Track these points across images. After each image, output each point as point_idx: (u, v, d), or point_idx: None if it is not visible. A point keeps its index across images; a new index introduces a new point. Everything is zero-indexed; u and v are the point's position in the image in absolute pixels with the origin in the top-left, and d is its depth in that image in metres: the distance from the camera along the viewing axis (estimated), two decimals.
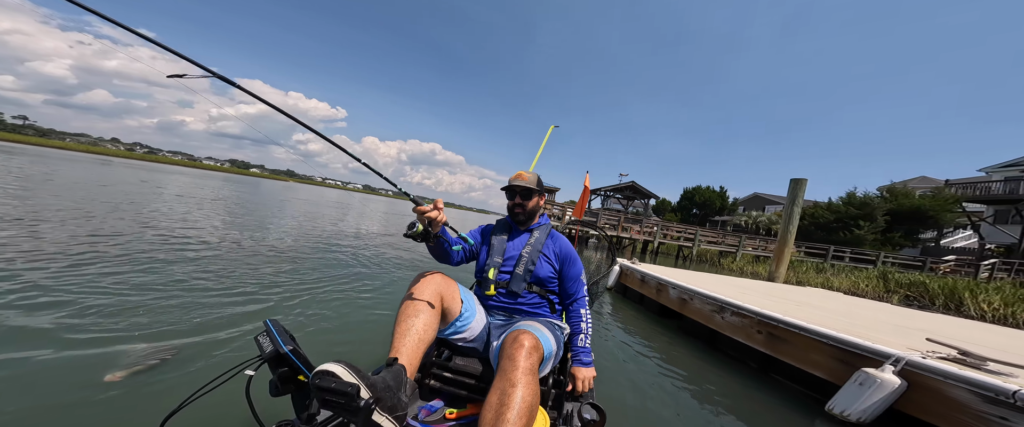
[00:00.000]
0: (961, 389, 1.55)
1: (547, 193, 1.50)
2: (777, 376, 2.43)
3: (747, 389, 2.25)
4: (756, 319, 2.56)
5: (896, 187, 17.88)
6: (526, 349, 0.93)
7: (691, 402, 2.00)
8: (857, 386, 1.81)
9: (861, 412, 1.77)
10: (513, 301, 1.29)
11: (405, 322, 0.97)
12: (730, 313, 2.82)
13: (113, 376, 1.50)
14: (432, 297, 1.05)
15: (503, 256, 1.35)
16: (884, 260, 13.68)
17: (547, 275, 1.32)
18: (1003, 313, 5.97)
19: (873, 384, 1.75)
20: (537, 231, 1.40)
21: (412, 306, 1.01)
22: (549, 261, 1.34)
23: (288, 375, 0.79)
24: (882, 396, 1.73)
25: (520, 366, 0.90)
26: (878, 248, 15.58)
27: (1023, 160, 17.22)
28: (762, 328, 2.52)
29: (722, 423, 1.82)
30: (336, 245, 5.53)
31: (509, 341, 0.97)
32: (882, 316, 3.55)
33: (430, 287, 1.07)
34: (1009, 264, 13.55)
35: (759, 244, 15.75)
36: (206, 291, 2.64)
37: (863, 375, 1.80)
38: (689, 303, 3.33)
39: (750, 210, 27.87)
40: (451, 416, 1.08)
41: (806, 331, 2.22)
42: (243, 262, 3.59)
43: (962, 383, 1.55)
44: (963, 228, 18.02)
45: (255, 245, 4.48)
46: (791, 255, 14.03)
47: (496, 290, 1.30)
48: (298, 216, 9.40)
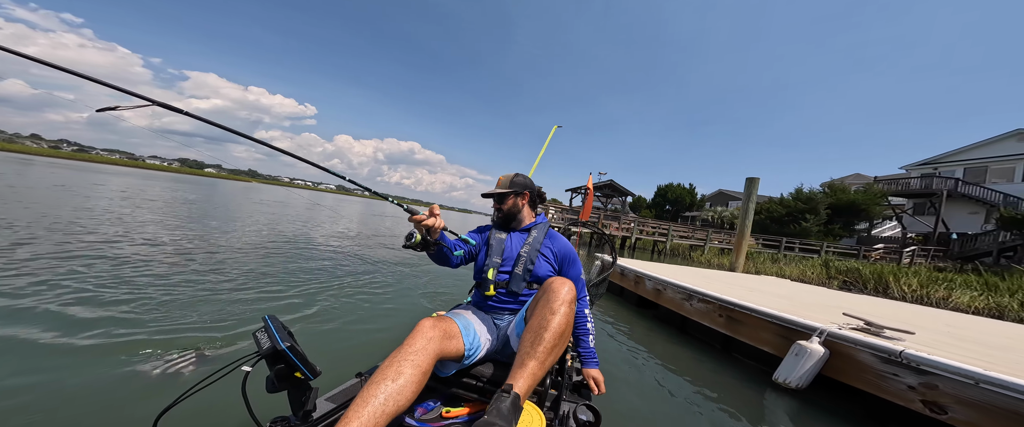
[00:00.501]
0: (865, 352, 1.99)
1: (526, 192, 1.44)
2: (737, 354, 2.85)
3: (712, 368, 2.61)
4: (718, 304, 2.98)
5: (835, 183, 20.10)
6: (567, 287, 1.02)
7: (667, 386, 2.23)
8: (794, 357, 2.22)
9: (798, 378, 2.18)
10: (514, 300, 1.30)
11: (378, 385, 0.82)
12: (697, 300, 3.23)
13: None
14: (428, 353, 0.93)
15: (502, 256, 1.36)
16: (826, 250, 15.36)
17: (546, 274, 1.32)
18: (920, 293, 7.00)
19: (805, 354, 2.16)
20: (535, 230, 1.41)
21: (395, 375, 0.85)
22: (548, 260, 1.35)
23: (285, 372, 0.79)
24: (812, 364, 2.14)
25: (561, 297, 0.99)
26: (822, 239, 17.44)
27: (935, 159, 19.91)
28: (723, 312, 2.93)
29: (694, 402, 2.05)
30: (327, 247, 5.49)
31: (552, 280, 1.06)
32: (819, 299, 4.15)
33: (426, 340, 0.95)
34: (926, 250, 15.70)
35: (724, 237, 17.07)
36: (205, 287, 2.70)
37: (798, 347, 2.21)
38: (663, 293, 3.73)
39: (716, 206, 29.98)
40: (448, 415, 1.06)
41: (757, 312, 2.64)
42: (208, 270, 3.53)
43: (865, 348, 1.99)
44: (889, 219, 20.54)
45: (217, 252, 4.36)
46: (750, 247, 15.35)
47: (496, 290, 1.31)
48: (265, 220, 9.04)
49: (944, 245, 16.46)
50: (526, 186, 1.43)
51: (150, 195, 11.15)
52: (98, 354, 1.73)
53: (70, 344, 1.78)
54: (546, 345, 0.92)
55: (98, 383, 1.52)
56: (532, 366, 0.89)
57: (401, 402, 0.82)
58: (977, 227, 16.96)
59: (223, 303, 2.59)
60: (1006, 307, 5.87)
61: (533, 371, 0.89)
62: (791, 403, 2.11)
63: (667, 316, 3.70)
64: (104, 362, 1.67)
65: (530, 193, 1.45)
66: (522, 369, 0.89)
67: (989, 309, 5.98)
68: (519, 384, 0.87)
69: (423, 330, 0.97)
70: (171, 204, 8.97)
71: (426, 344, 0.94)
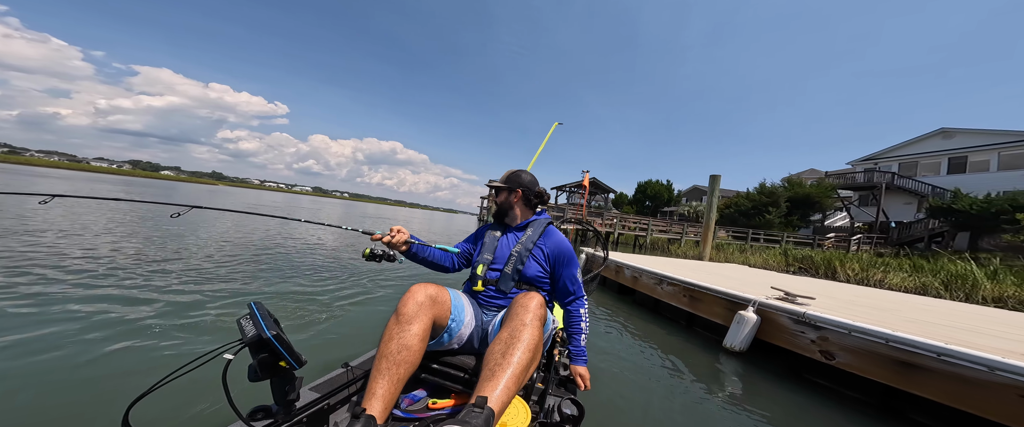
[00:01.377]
0: (784, 317, 2.61)
1: (519, 189, 1.42)
2: (697, 328, 3.46)
3: (679, 341, 3.18)
4: (682, 286, 3.58)
5: (793, 178, 21.97)
6: (537, 302, 1.03)
7: (643, 358, 2.64)
8: (736, 324, 2.82)
9: (740, 343, 2.77)
10: (502, 298, 1.30)
11: (388, 357, 0.93)
12: (667, 284, 3.82)
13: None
14: (424, 319, 1.02)
15: (494, 253, 1.37)
16: (786, 240, 16.88)
17: (535, 274, 1.32)
18: (861, 276, 8.03)
19: (744, 321, 2.77)
20: (530, 228, 1.40)
21: (400, 333, 0.97)
22: (539, 261, 1.34)
23: (269, 361, 0.77)
24: (749, 329, 2.75)
25: (531, 312, 0.99)
26: (783, 230, 19.07)
27: (876, 155, 22.18)
28: (686, 293, 3.54)
29: (666, 370, 2.45)
30: (313, 240, 5.65)
31: (521, 296, 1.06)
32: (767, 280, 4.89)
33: (423, 306, 1.03)
34: (870, 238, 17.59)
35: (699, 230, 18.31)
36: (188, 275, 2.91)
37: (739, 316, 2.81)
38: (639, 279, 4.33)
39: (691, 201, 31.74)
40: (434, 406, 1.08)
41: (711, 290, 3.25)
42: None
43: (783, 312, 2.61)
44: (839, 210, 22.69)
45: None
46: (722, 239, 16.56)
47: (484, 286, 1.32)
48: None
49: (884, 233, 18.47)
50: (519, 183, 1.41)
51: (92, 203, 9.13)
52: (67, 339, 1.72)
53: (38, 331, 1.80)
54: (521, 359, 0.88)
55: (68, 370, 1.50)
56: (506, 380, 0.85)
57: (413, 362, 0.95)
58: (912, 216, 19.13)
59: (205, 290, 2.62)
60: (929, 285, 6.92)
61: (508, 386, 0.84)
62: (736, 365, 2.66)
63: (643, 300, 4.30)
64: (75, 347, 1.66)
65: (522, 191, 1.42)
66: (493, 381, 0.84)
67: (915, 288, 7.02)
68: (494, 398, 0.80)
69: (414, 294, 1.05)
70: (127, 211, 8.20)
71: (418, 308, 1.02)
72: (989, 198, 14.47)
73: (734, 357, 2.79)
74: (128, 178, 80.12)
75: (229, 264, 3.96)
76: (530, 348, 0.91)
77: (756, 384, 2.37)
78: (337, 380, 1.09)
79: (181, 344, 1.93)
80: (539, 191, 1.46)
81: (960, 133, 18.59)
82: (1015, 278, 5.94)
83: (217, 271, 3.57)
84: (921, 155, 20.17)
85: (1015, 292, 5.31)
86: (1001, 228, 13.23)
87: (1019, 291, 5.31)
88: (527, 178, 1.44)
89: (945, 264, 7.55)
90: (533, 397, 1.14)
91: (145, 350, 1.82)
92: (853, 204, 21.87)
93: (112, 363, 1.67)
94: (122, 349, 1.81)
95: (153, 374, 1.52)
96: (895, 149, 21.37)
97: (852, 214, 21.39)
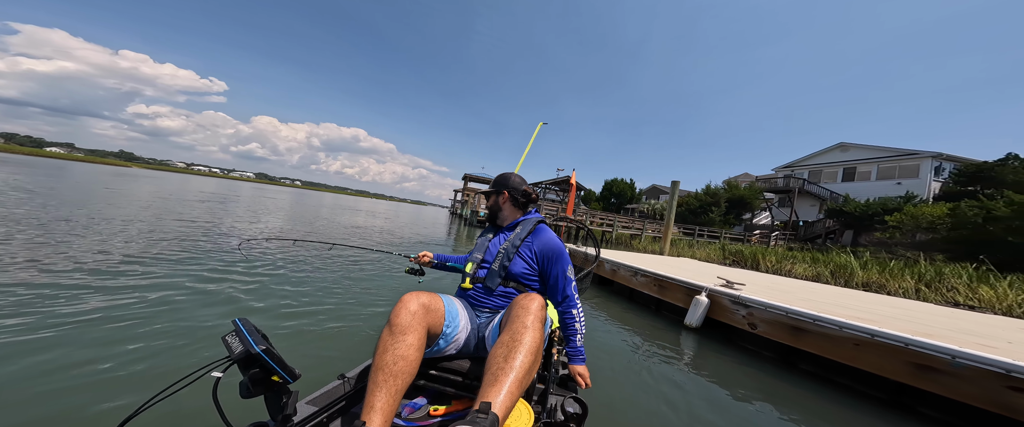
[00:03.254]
0: (725, 299, 3.58)
1: (504, 191, 1.48)
2: (664, 311, 4.38)
3: (650, 324, 4.00)
4: (653, 277, 4.49)
5: (731, 181, 25.40)
6: (538, 303, 1.01)
7: (621, 345, 3.10)
8: (693, 307, 3.75)
9: (696, 321, 3.70)
10: (488, 296, 1.32)
11: (384, 369, 0.93)
12: (640, 276, 4.72)
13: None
14: (417, 328, 1.01)
15: (484, 253, 1.42)
16: (724, 236, 19.65)
17: (521, 271, 1.34)
18: (776, 267, 9.96)
19: (698, 304, 3.70)
20: (519, 227, 1.42)
21: (394, 344, 0.96)
22: (525, 258, 1.35)
23: (261, 376, 0.76)
24: (702, 310, 3.68)
25: (532, 314, 0.96)
26: (722, 227, 22.08)
27: (793, 163, 26.42)
28: (656, 283, 4.45)
29: (642, 350, 3.00)
30: (299, 243, 5.50)
31: (522, 297, 1.04)
32: (713, 272, 6.10)
33: (416, 316, 1.03)
34: (785, 235, 21.17)
35: (656, 227, 20.45)
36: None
37: (695, 300, 3.74)
38: (617, 272, 5.20)
39: (650, 199, 34.79)
40: (436, 413, 1.08)
41: (674, 280, 4.17)
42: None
43: (725, 295, 3.58)
44: (764, 210, 26.71)
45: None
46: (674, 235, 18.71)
47: (472, 284, 1.35)
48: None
49: (795, 230, 22.29)
50: (506, 185, 1.48)
51: None
52: (46, 364, 1.59)
53: (16, 354, 1.66)
54: (523, 363, 0.88)
55: (48, 396, 1.40)
56: (509, 385, 0.84)
57: (410, 373, 0.94)
58: (815, 216, 23.28)
59: (185, 307, 2.43)
60: (821, 274, 8.89)
61: (511, 390, 0.84)
62: (695, 338, 3.56)
63: (620, 290, 5.19)
64: (54, 372, 1.55)
65: (508, 192, 1.47)
66: (496, 386, 0.84)
67: (812, 276, 8.95)
68: (497, 403, 0.80)
69: (406, 304, 1.04)
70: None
71: (411, 318, 1.01)
72: (868, 203, 18.31)
73: (692, 332, 3.72)
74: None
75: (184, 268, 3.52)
76: (532, 351, 0.90)
77: (707, 352, 3.25)
78: (334, 392, 1.08)
79: (161, 362, 1.80)
80: (525, 190, 1.50)
81: (854, 147, 22.91)
82: (878, 267, 7.97)
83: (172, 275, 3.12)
84: (824, 165, 24.48)
85: (877, 278, 7.18)
86: (874, 227, 16.88)
87: (880, 278, 7.19)
88: (514, 180, 1.50)
89: (834, 257, 9.66)
90: (534, 397, 1.12)
91: (126, 370, 1.68)
92: (774, 205, 25.97)
93: (92, 386, 1.54)
94: (98, 371, 1.65)
95: (137, 395, 1.46)
96: (808, 158, 25.61)
97: (773, 214, 25.39)
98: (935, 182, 19.26)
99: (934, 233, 12.50)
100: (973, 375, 2.10)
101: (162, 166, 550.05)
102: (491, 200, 1.53)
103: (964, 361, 2.13)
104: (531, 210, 1.57)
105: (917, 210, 13.97)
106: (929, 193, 18.88)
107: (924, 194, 18.79)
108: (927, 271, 6.88)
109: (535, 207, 1.61)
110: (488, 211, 1.55)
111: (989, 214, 10.42)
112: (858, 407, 2.37)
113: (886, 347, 2.46)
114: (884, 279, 6.75)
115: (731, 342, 3.51)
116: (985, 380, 2.06)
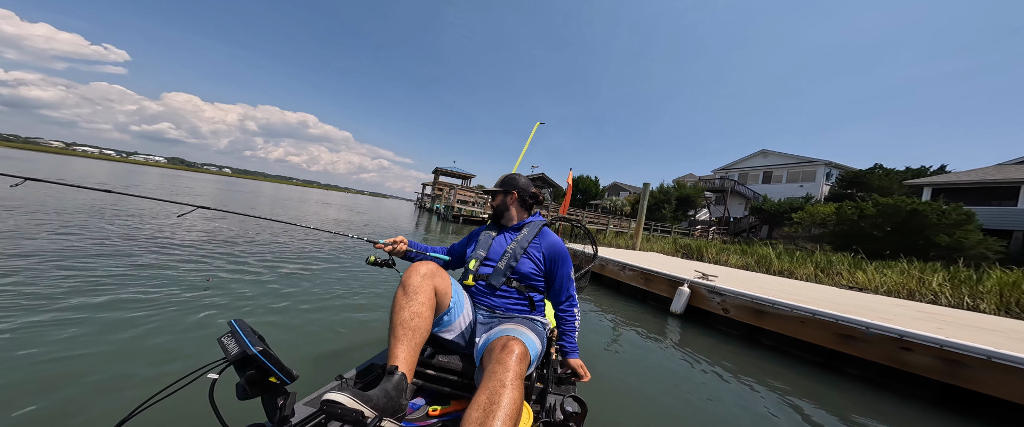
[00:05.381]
0: (703, 289, 4.27)
1: (513, 191, 1.48)
2: (650, 301, 5.01)
3: (637, 312, 4.59)
4: (639, 271, 5.09)
5: (680, 180, 28.48)
6: (516, 355, 0.95)
7: (618, 331, 3.54)
8: (677, 296, 4.39)
9: (679, 308, 4.35)
10: (491, 294, 1.32)
11: (403, 325, 0.98)
12: (627, 270, 5.29)
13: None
14: (428, 289, 1.07)
15: (488, 250, 1.41)
16: (675, 231, 22.09)
17: (529, 271, 1.35)
18: (715, 258, 11.66)
19: (681, 294, 4.35)
20: (526, 228, 1.44)
21: (409, 303, 1.02)
22: (533, 260, 1.37)
23: (257, 377, 0.76)
24: (684, 299, 4.34)
25: (511, 370, 0.92)
26: (672, 222, 24.74)
27: (728, 165, 30.42)
28: (642, 276, 5.05)
29: (628, 335, 3.44)
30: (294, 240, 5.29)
31: (499, 346, 0.98)
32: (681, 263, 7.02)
33: (425, 278, 1.08)
34: (720, 230, 24.48)
35: (618, 222, 22.11)
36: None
37: (679, 290, 4.39)
38: (606, 267, 5.74)
39: (611, 196, 37.22)
40: (434, 413, 1.09)
41: (659, 274, 4.81)
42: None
43: (702, 286, 4.27)
44: (704, 208, 30.50)
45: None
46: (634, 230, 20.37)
47: (475, 281, 1.34)
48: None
49: (727, 225, 25.89)
50: (515, 186, 1.48)
51: None
52: (37, 366, 1.57)
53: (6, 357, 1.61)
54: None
55: (39, 401, 1.37)
56: None
57: (426, 329, 1.00)
58: (742, 213, 27.26)
59: (176, 309, 2.37)
60: (749, 264, 10.65)
61: None
62: (679, 323, 4.18)
63: (608, 283, 5.74)
64: (45, 375, 1.52)
65: (517, 193, 1.48)
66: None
67: (743, 265, 10.66)
68: None
69: (417, 268, 1.10)
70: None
71: (421, 280, 1.07)
72: (780, 202, 22.00)
73: (676, 318, 4.37)
74: None
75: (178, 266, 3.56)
76: (512, 415, 0.85)
77: (690, 335, 3.86)
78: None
79: (157, 366, 1.76)
80: (533, 192, 1.52)
81: (772, 154, 27.11)
82: (788, 257, 9.82)
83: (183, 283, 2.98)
84: (750, 168, 28.64)
85: (788, 266, 8.87)
86: (784, 223, 20.41)
87: (790, 266, 8.87)
88: (522, 181, 1.51)
89: (757, 249, 11.62)
90: (532, 397, 1.14)
91: (120, 372, 1.66)
92: (712, 203, 29.74)
93: (85, 388, 1.52)
94: (91, 373, 1.62)
95: (131, 397, 1.45)
96: (738, 162, 29.67)
97: (711, 210, 29.11)
98: (826, 186, 23.83)
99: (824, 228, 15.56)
100: (879, 340, 2.92)
101: (28, 145, 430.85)
102: (499, 199, 1.51)
103: (875, 331, 2.94)
104: (536, 212, 1.59)
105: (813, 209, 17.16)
106: (822, 195, 23.32)
107: (818, 196, 23.16)
108: (821, 260, 8.68)
109: (539, 209, 1.78)
110: (494, 210, 1.53)
111: (861, 213, 13.29)
112: (803, 371, 3.10)
113: (822, 322, 3.24)
114: (793, 267, 8.36)
115: (709, 325, 4.21)
116: (887, 343, 2.88)
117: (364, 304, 3.22)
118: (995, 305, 4.72)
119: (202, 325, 2.28)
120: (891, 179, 20.38)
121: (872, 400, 2.61)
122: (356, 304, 3.18)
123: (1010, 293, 4.80)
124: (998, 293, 4.88)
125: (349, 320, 2.74)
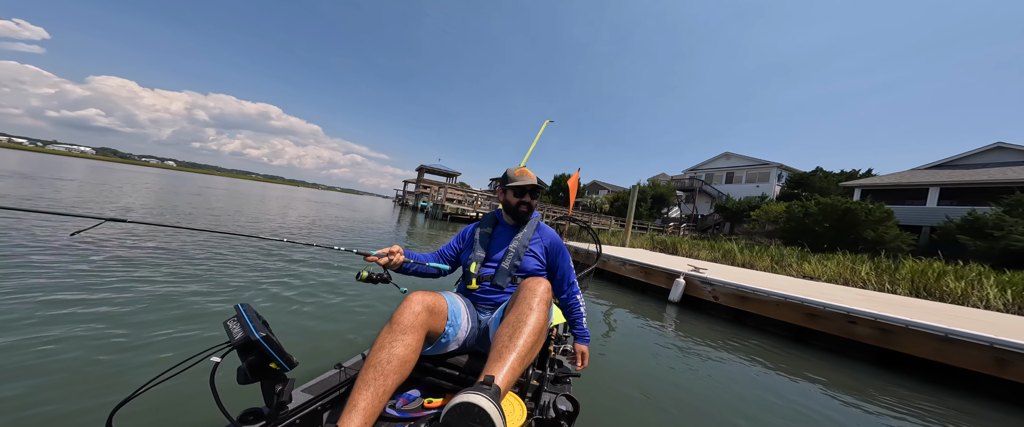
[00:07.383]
0: (696, 280, 5.01)
1: (539, 191, 1.47)
2: (650, 293, 5.70)
3: (638, 301, 5.26)
4: (639, 266, 5.77)
5: (656, 179, 30.30)
6: (545, 286, 1.06)
7: (625, 317, 4.06)
8: (674, 287, 5.11)
9: (677, 297, 5.06)
10: (498, 294, 1.33)
11: (375, 367, 0.91)
12: (628, 265, 5.96)
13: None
14: (419, 328, 1.02)
15: (487, 250, 1.40)
16: (651, 229, 23.66)
17: (533, 268, 1.36)
18: (689, 252, 12.89)
19: (678, 284, 5.06)
20: (525, 226, 1.44)
21: (392, 344, 0.96)
22: (536, 256, 1.39)
23: (258, 363, 0.77)
24: (681, 289, 5.06)
25: (538, 296, 1.01)
26: (648, 220, 26.41)
27: (696, 166, 32.81)
28: (642, 270, 5.74)
29: (629, 322, 3.93)
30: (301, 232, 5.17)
31: (529, 280, 1.09)
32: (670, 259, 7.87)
33: (420, 315, 1.03)
34: (690, 226, 26.54)
35: (599, 220, 23.24)
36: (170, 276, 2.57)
37: (676, 282, 5.11)
38: (607, 263, 6.37)
39: (591, 194, 38.59)
40: (429, 405, 1.09)
41: (657, 268, 5.51)
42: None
43: (696, 277, 5.01)
44: (676, 206, 32.74)
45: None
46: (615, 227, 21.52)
47: (479, 283, 1.34)
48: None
49: (695, 222, 28.10)
50: (540, 188, 1.49)
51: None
52: (48, 344, 1.59)
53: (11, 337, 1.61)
54: (526, 342, 0.92)
55: (48, 375, 1.40)
56: (512, 361, 0.88)
57: (403, 373, 0.93)
58: (708, 211, 29.66)
59: (187, 292, 2.39)
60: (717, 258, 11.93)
61: (513, 366, 0.87)
62: (677, 310, 4.88)
63: (610, 277, 6.39)
64: (55, 351, 1.54)
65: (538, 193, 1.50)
66: (500, 361, 0.87)
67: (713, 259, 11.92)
68: (500, 377, 0.84)
69: (411, 304, 1.05)
70: None
71: (414, 319, 1.02)
72: (740, 201, 24.31)
73: (674, 306, 5.08)
74: None
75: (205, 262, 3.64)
76: (536, 331, 0.93)
77: (687, 320, 4.56)
78: (330, 381, 1.10)
79: (164, 346, 1.78)
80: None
81: (735, 156, 29.65)
82: (749, 252, 11.19)
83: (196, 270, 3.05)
84: (715, 169, 31.14)
85: (749, 259, 10.12)
86: (743, 220, 22.63)
87: (751, 258, 10.12)
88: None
89: (722, 244, 13.01)
90: (528, 394, 1.16)
91: (127, 353, 1.68)
92: (682, 201, 32.03)
93: (91, 367, 1.54)
94: (99, 353, 1.65)
95: (137, 377, 1.47)
96: (707, 163, 32.10)
97: (681, 208, 31.34)
98: (778, 186, 26.62)
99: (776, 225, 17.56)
100: (834, 317, 3.75)
101: None
102: (533, 201, 1.45)
103: (831, 309, 3.77)
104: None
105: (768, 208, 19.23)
106: (775, 195, 26.06)
107: (772, 195, 25.86)
108: (776, 253, 10.01)
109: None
110: (526, 209, 1.45)
111: (806, 212, 15.22)
112: (778, 345, 3.86)
113: (792, 305, 4.05)
114: (753, 259, 9.60)
115: (702, 311, 4.96)
116: (839, 319, 3.72)
117: (364, 295, 3.16)
118: (907, 289, 5.93)
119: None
120: (829, 180, 23.30)
121: (831, 365, 3.40)
122: (356, 295, 3.09)
123: (919, 279, 6.05)
124: (910, 279, 6.12)
125: (349, 309, 2.70)
